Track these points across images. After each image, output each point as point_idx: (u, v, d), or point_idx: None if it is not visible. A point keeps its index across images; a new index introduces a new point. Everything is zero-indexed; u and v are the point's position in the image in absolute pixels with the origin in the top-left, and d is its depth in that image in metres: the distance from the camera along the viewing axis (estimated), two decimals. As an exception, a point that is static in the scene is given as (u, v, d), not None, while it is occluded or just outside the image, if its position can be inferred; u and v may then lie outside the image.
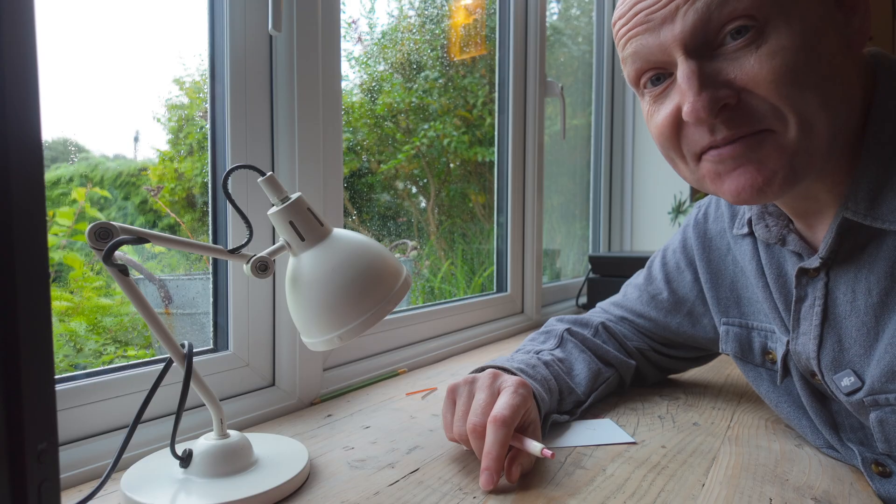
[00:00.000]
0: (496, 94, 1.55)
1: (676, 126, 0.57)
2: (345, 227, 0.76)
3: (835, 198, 0.58)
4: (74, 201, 0.89)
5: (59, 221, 0.88)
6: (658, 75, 0.57)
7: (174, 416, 0.55)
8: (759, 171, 0.53)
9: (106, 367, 0.69)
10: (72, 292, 0.94)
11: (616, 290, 0.97)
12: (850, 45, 0.53)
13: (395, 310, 0.88)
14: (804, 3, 0.51)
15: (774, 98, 0.50)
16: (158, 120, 0.99)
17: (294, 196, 0.59)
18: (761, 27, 0.50)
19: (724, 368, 1.07)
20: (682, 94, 0.53)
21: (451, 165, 1.82)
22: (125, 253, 0.87)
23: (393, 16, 1.67)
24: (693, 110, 0.52)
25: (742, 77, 0.51)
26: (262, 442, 0.65)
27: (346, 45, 1.47)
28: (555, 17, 2.15)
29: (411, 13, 1.70)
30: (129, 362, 0.70)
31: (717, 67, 0.52)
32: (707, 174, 0.57)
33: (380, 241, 1.08)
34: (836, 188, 0.57)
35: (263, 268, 0.58)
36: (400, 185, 1.75)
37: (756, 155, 0.53)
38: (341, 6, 0.92)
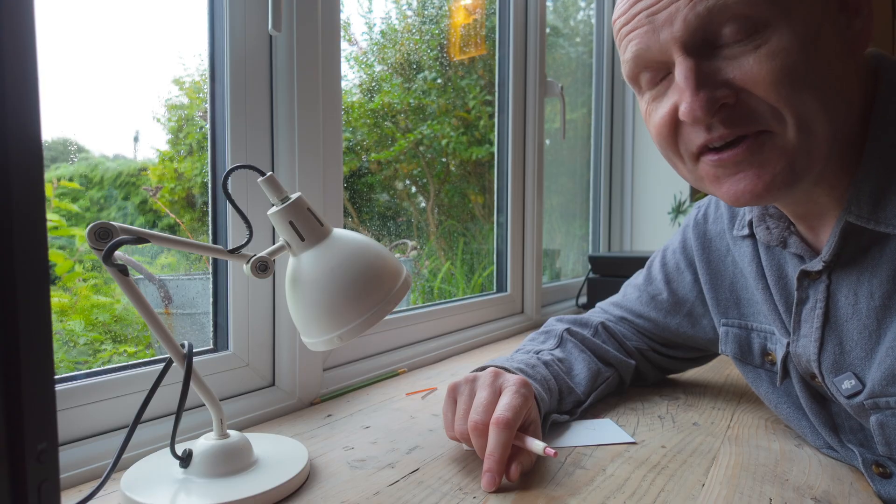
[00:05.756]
0: (496, 94, 1.55)
1: (674, 125, 0.57)
2: (344, 227, 0.76)
3: (835, 200, 0.58)
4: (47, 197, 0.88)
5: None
6: (656, 74, 0.57)
7: (174, 416, 0.55)
8: (759, 177, 0.53)
9: (106, 367, 0.69)
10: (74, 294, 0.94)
11: (616, 290, 0.97)
12: (850, 48, 0.53)
13: (395, 310, 0.88)
14: (805, 5, 0.50)
15: (773, 99, 0.50)
16: (158, 120, 0.99)
17: (294, 196, 0.59)
18: (761, 28, 0.50)
19: (724, 368, 1.07)
20: (680, 93, 0.53)
21: (451, 167, 1.82)
22: (125, 253, 0.87)
23: (390, 17, 1.67)
24: (690, 110, 0.52)
25: (741, 77, 0.51)
26: (262, 442, 0.65)
27: (343, 46, 1.47)
28: (551, 13, 2.15)
29: (409, 13, 1.70)
30: (129, 362, 0.70)
31: (716, 67, 0.52)
32: (706, 176, 0.57)
33: (380, 241, 1.08)
34: (836, 191, 0.57)
35: (263, 268, 0.58)
36: (399, 185, 1.74)
37: (757, 159, 0.53)
38: (341, 6, 0.92)
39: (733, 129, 0.52)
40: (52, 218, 0.89)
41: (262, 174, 0.59)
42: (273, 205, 0.59)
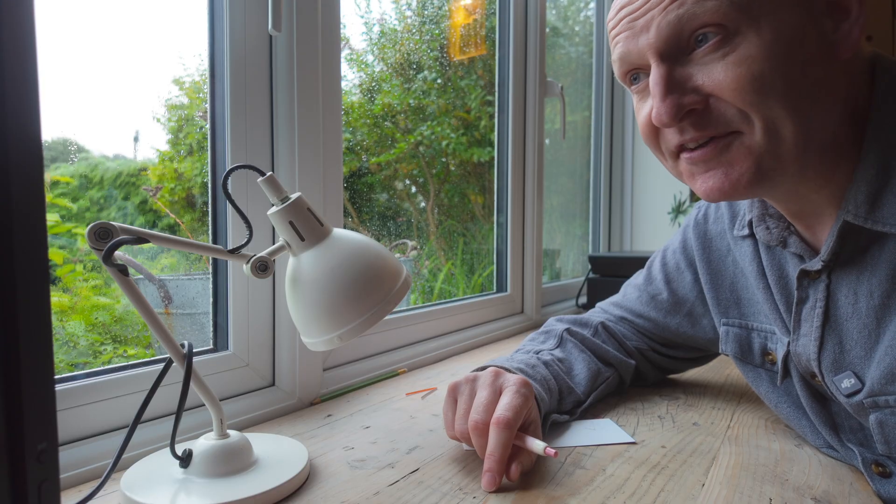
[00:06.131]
0: (496, 94, 1.55)
1: (654, 125, 0.59)
2: (344, 227, 0.76)
3: (830, 200, 0.58)
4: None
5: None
6: (638, 74, 0.60)
7: (174, 416, 0.55)
8: (726, 175, 0.55)
9: (106, 367, 0.69)
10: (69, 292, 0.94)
11: (616, 290, 0.97)
12: (836, 50, 0.53)
13: (395, 310, 0.88)
14: (779, 12, 0.51)
15: (740, 104, 0.52)
16: (158, 120, 0.99)
17: (294, 196, 0.59)
18: (730, 36, 0.52)
19: (724, 368, 1.07)
20: (653, 98, 0.56)
21: (451, 167, 1.82)
22: (125, 253, 0.87)
23: (390, 18, 1.67)
24: (657, 115, 0.55)
25: (709, 84, 0.53)
26: (262, 442, 0.65)
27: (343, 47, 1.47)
28: (551, 13, 2.15)
29: (409, 13, 1.70)
30: (129, 362, 0.70)
31: (687, 73, 0.54)
32: (684, 172, 0.60)
33: (380, 241, 1.08)
34: (827, 190, 0.58)
35: (263, 268, 0.58)
36: (399, 185, 1.75)
37: (724, 158, 0.55)
38: (341, 6, 0.92)
39: (703, 131, 0.55)
40: (49, 217, 0.89)
41: (262, 174, 0.59)
42: (273, 205, 0.59)
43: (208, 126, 0.80)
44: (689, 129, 0.55)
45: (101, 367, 0.68)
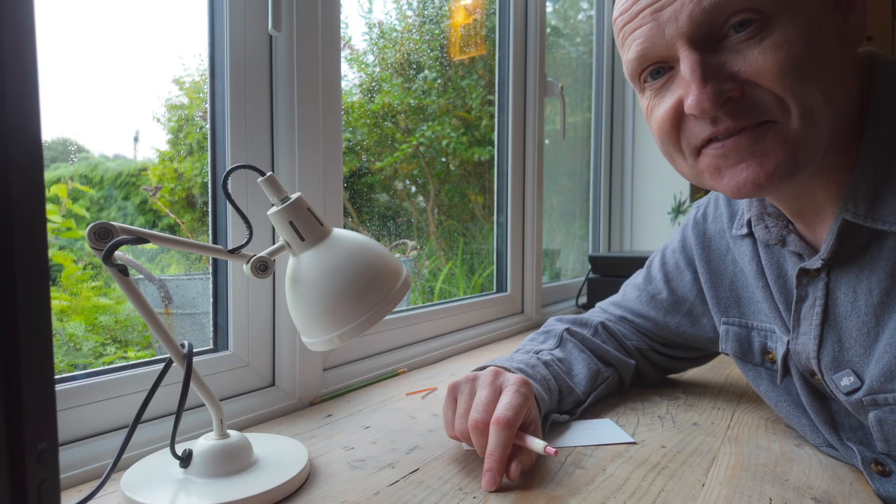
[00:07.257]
0: (496, 94, 1.55)
1: (677, 120, 0.57)
2: (344, 227, 0.76)
3: (831, 197, 0.58)
4: (58, 198, 0.89)
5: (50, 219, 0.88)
6: (658, 69, 0.57)
7: (174, 416, 0.55)
8: (762, 166, 0.53)
9: (106, 367, 0.69)
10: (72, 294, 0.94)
11: (616, 290, 0.97)
12: (846, 44, 0.54)
13: (395, 310, 0.88)
14: (806, 1, 0.51)
15: (779, 89, 0.51)
16: (158, 120, 0.99)
17: (294, 196, 0.59)
18: (765, 21, 0.51)
19: (724, 368, 1.07)
20: (686, 87, 0.53)
21: (451, 167, 1.82)
22: (125, 253, 0.87)
23: (390, 16, 1.67)
24: (697, 102, 0.52)
25: (746, 69, 0.51)
26: (262, 442, 0.65)
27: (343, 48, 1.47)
28: (551, 13, 2.15)
29: (410, 13, 1.70)
30: (129, 362, 0.70)
31: (721, 60, 0.53)
32: (706, 168, 0.57)
33: (380, 241, 1.08)
34: (832, 186, 0.57)
35: (263, 268, 0.58)
36: (399, 185, 1.75)
37: (759, 148, 0.53)
38: (341, 6, 0.92)
39: (739, 121, 0.53)
40: (61, 221, 0.89)
41: (262, 174, 0.59)
42: (273, 205, 0.59)
43: (208, 126, 0.80)
44: (723, 119, 0.53)
45: (102, 368, 0.68)
